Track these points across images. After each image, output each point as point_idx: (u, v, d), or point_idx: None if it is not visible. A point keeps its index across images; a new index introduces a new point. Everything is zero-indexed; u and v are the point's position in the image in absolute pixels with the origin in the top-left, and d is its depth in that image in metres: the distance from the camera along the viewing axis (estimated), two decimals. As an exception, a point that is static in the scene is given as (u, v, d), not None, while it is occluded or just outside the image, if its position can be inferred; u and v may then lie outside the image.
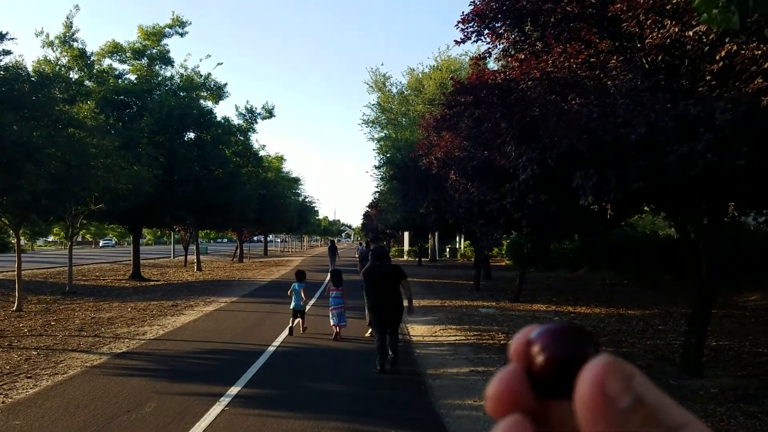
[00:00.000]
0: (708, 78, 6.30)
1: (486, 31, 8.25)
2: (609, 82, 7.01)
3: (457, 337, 10.49)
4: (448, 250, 46.36)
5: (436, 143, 17.00)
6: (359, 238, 70.00)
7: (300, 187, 54.20)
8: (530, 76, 7.32)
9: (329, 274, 10.63)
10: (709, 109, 5.52)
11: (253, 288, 20.31)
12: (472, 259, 34.86)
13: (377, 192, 43.54)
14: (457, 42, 8.56)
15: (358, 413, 6.14)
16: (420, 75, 33.40)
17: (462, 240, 44.09)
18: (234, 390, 6.89)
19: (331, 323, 10.30)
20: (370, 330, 9.57)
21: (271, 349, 9.36)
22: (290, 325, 10.60)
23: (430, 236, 39.37)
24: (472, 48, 26.99)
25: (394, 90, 35.58)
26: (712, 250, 7.60)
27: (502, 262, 35.62)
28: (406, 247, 49.51)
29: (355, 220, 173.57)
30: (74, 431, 5.50)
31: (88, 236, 68.97)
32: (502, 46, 8.39)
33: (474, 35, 8.28)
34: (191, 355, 8.97)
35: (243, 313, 13.70)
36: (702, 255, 7.85)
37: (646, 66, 6.58)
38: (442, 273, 28.26)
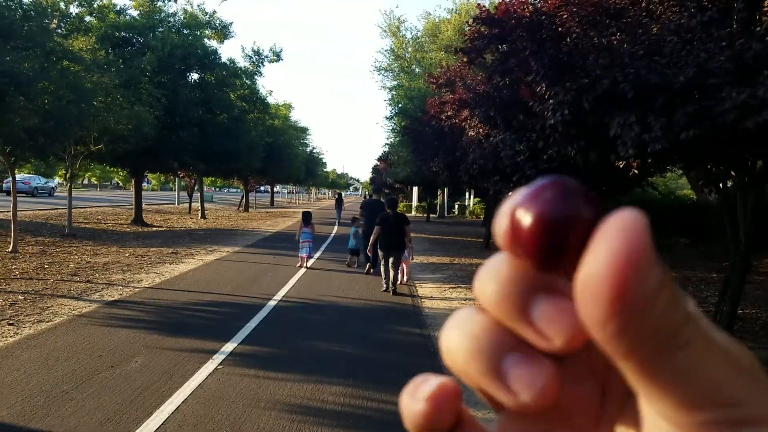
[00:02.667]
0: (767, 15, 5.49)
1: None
2: (652, 16, 6.21)
3: (468, 297, 9.94)
4: (456, 206, 45.69)
5: (448, 100, 16.22)
6: (367, 192, 69.71)
7: (308, 137, 53.26)
8: (566, 7, 6.52)
9: (301, 216, 13.44)
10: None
11: (257, 238, 19.80)
12: (481, 217, 34.22)
13: (387, 144, 42.62)
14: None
15: (361, 377, 5.61)
16: (437, 20, 31.91)
17: (471, 197, 43.35)
18: (229, 347, 6.37)
19: (300, 254, 12.66)
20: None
21: (272, 303, 8.83)
22: (347, 262, 13.53)
23: (439, 192, 38.62)
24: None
25: (409, 35, 34.11)
26: (752, 213, 6.91)
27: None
28: (414, 202, 48.82)
29: (364, 174, 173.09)
30: (49, 387, 4.98)
31: (93, 179, 68.52)
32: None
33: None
34: (187, 306, 8.45)
35: (245, 264, 13.19)
36: (740, 218, 7.18)
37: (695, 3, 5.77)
38: (451, 230, 27.67)
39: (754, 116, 4.66)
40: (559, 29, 6.42)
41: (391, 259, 10.20)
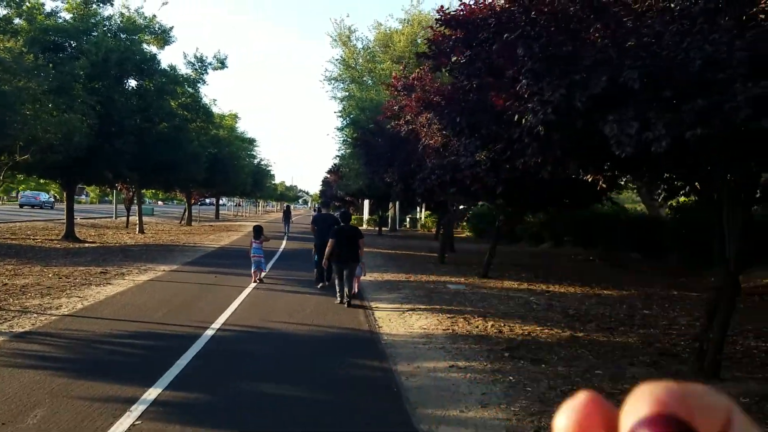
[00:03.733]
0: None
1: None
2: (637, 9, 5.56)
3: (429, 320, 9.11)
4: (408, 220, 45.10)
5: (406, 104, 15.55)
6: (316, 205, 68.86)
7: (255, 148, 51.83)
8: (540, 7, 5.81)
9: (252, 230, 13.38)
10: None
11: (198, 255, 18.53)
12: (433, 230, 33.67)
13: (338, 156, 41.73)
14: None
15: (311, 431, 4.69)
16: (388, 30, 31.28)
17: (423, 210, 42.82)
18: (152, 393, 5.32)
19: (252, 269, 12.50)
20: (321, 285, 12.24)
21: (209, 332, 7.78)
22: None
23: (391, 205, 37.92)
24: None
25: (360, 45, 33.36)
26: (743, 230, 6.31)
27: (462, 233, 34.57)
28: (365, 215, 47.94)
29: (314, 186, 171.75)
30: None
31: (28, 192, 64.80)
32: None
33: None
34: (108, 339, 7.32)
35: (182, 284, 12.02)
36: (727, 234, 6.56)
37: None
38: (404, 244, 26.93)
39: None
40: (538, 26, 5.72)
41: (345, 272, 10.31)
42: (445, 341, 7.75)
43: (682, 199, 13.38)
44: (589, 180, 9.62)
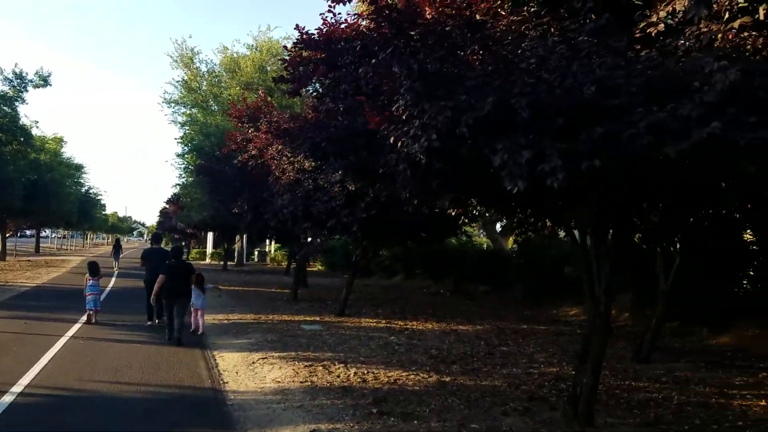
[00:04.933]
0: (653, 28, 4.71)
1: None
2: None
3: (284, 371, 8.04)
4: (256, 253, 43.26)
5: (253, 138, 14.62)
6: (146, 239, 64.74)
7: (84, 175, 47.53)
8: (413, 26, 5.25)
9: (87, 266, 12.58)
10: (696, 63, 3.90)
11: (7, 296, 15.89)
12: (284, 264, 32.38)
13: (179, 185, 39.07)
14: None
15: None
16: (235, 55, 29.87)
17: (272, 243, 41.34)
18: None
19: (87, 308, 11.64)
20: (150, 323, 11.77)
21: (7, 399, 6.15)
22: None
23: (238, 238, 36.04)
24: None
25: (204, 68, 31.54)
26: (616, 265, 6.11)
27: (314, 267, 33.70)
28: (209, 249, 45.32)
29: (151, 217, 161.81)
30: None
31: None
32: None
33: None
34: None
35: (-21, 334, 9.91)
36: (595, 272, 6.32)
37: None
38: (252, 279, 25.41)
39: (679, 141, 3.63)
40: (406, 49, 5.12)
41: (175, 308, 10.00)
42: (303, 397, 6.76)
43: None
44: (453, 214, 9.28)
